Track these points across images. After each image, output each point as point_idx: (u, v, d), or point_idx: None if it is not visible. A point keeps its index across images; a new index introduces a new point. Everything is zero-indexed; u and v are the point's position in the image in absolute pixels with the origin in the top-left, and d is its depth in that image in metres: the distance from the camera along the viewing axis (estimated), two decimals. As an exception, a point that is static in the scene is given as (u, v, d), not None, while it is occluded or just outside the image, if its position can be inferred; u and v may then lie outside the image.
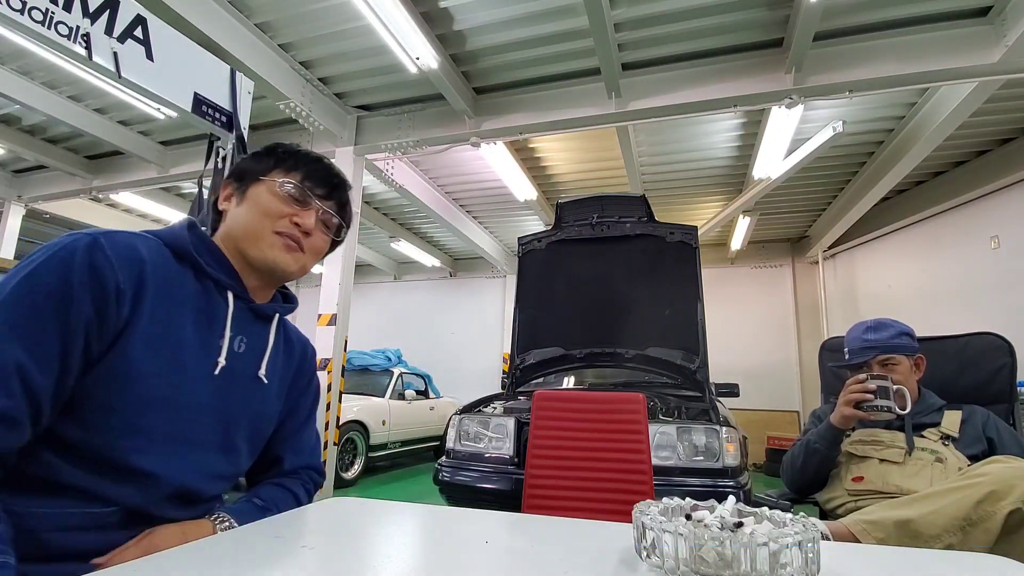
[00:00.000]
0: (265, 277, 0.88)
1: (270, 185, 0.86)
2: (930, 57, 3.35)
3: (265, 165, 0.88)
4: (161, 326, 0.73)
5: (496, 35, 3.64)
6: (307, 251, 0.89)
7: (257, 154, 0.91)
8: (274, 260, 0.85)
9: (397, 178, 5.27)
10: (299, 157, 0.90)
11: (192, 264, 0.80)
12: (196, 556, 0.58)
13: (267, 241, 0.85)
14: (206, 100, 2.93)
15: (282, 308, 0.93)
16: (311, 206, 0.88)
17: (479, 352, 8.92)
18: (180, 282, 0.78)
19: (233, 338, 0.83)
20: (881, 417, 1.46)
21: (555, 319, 3.24)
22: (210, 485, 0.81)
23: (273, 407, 0.92)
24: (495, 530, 0.74)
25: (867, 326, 1.60)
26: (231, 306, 0.83)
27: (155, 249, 0.76)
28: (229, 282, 0.83)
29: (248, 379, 0.86)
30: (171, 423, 0.74)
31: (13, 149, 5.39)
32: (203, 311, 0.79)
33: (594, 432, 1.69)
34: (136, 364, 0.70)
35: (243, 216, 0.86)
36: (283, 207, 0.86)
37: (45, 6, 2.26)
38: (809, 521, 0.55)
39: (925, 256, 5.75)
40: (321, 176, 0.90)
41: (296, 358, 0.98)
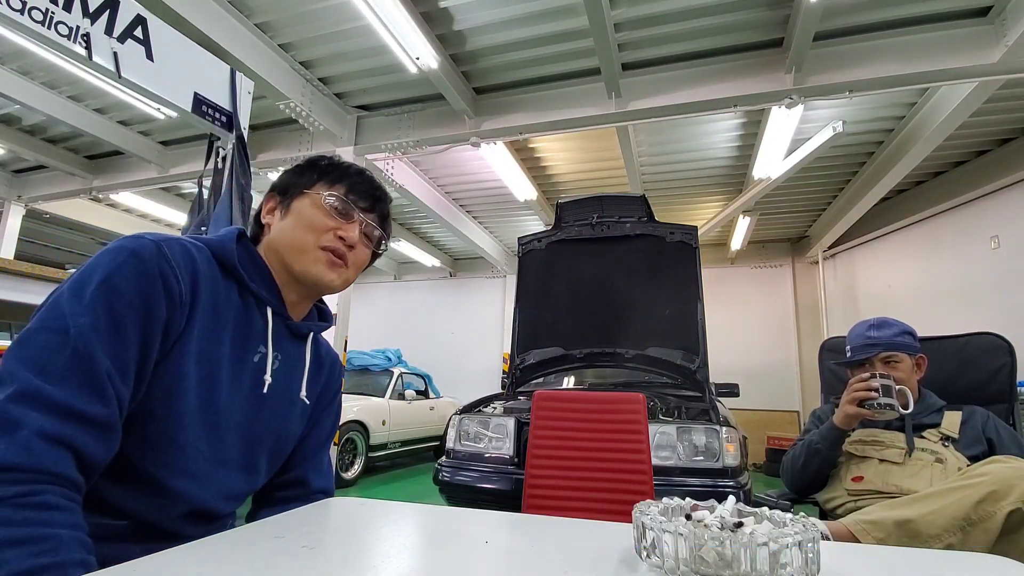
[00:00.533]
0: (307, 291, 0.88)
1: (314, 199, 0.86)
2: (930, 57, 3.35)
3: (308, 178, 0.88)
4: (206, 340, 0.73)
5: (496, 35, 3.64)
6: (350, 265, 0.89)
7: (299, 167, 0.91)
8: (318, 275, 0.84)
9: (397, 178, 5.27)
10: (342, 170, 0.90)
11: (236, 278, 0.80)
12: (196, 556, 0.58)
13: (312, 256, 0.84)
14: (206, 100, 2.93)
15: (317, 327, 0.93)
16: (355, 219, 0.88)
17: (479, 352, 8.92)
18: (226, 296, 0.78)
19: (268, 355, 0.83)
20: (884, 416, 1.46)
21: (555, 319, 3.24)
22: (227, 504, 0.81)
23: (299, 426, 0.91)
24: (495, 530, 0.74)
25: (870, 324, 1.61)
26: (270, 322, 0.83)
27: (206, 260, 0.76)
28: (269, 298, 0.83)
29: (284, 398, 0.86)
30: (203, 440, 0.74)
31: (13, 149, 5.39)
32: (241, 327, 0.79)
33: (594, 432, 1.69)
34: (182, 376, 0.70)
35: (288, 230, 0.85)
36: (327, 221, 0.85)
37: (45, 6, 2.26)
38: (809, 521, 0.55)
39: (925, 256, 5.75)
40: (364, 189, 0.90)
41: (325, 375, 0.97)
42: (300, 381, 0.88)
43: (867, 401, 1.45)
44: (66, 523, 0.58)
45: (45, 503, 0.57)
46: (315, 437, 0.96)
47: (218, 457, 0.76)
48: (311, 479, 0.94)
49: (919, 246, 5.85)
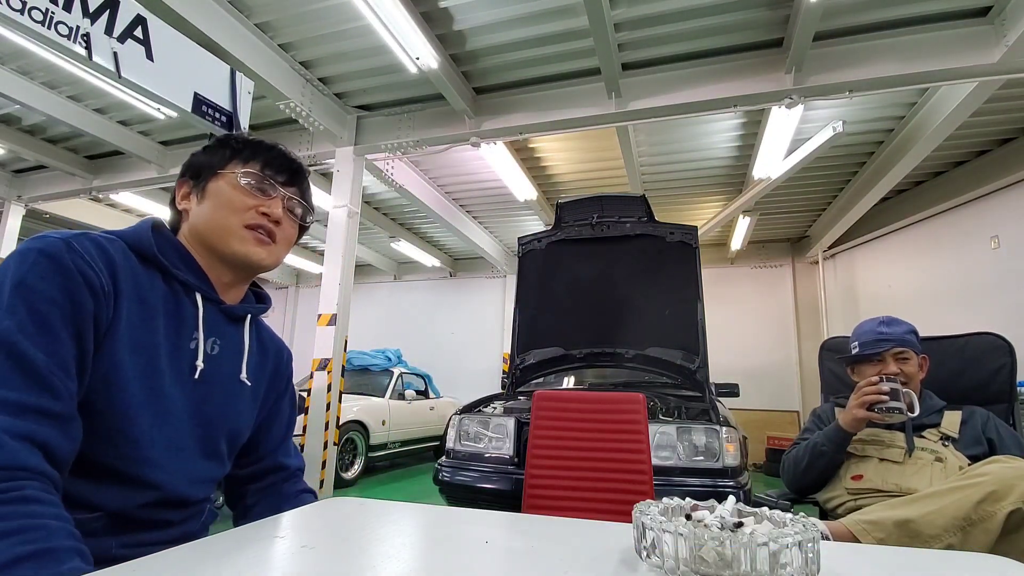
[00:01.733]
0: (238, 272, 0.87)
1: (230, 178, 0.84)
2: (930, 57, 3.35)
3: (221, 157, 0.86)
4: (137, 330, 0.72)
5: (496, 35, 3.64)
6: (279, 241, 0.87)
7: (210, 147, 0.88)
8: (247, 254, 0.83)
9: (397, 178, 5.27)
10: (255, 146, 0.88)
11: (158, 267, 0.78)
12: (196, 556, 0.58)
13: (238, 236, 0.83)
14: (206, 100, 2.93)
15: (255, 308, 0.92)
16: (276, 195, 0.86)
17: (479, 352, 8.92)
18: (149, 285, 0.76)
19: (205, 340, 0.81)
20: (893, 419, 1.46)
21: (555, 319, 3.24)
22: (196, 489, 0.81)
23: (250, 410, 0.90)
24: (495, 530, 0.74)
25: (880, 320, 1.61)
26: (201, 308, 0.81)
27: (121, 251, 0.74)
28: (197, 283, 0.82)
29: (227, 382, 0.85)
30: (155, 428, 0.73)
31: (13, 149, 5.39)
32: (172, 314, 0.78)
33: (594, 432, 1.69)
34: (120, 368, 0.69)
35: (208, 213, 0.83)
36: (247, 199, 0.84)
37: (45, 6, 2.26)
38: (809, 521, 0.55)
39: (925, 256, 5.75)
40: (281, 163, 0.88)
41: (271, 361, 0.97)
42: (241, 362, 0.87)
43: (876, 405, 1.45)
44: (51, 514, 0.58)
45: (27, 497, 0.57)
46: (278, 426, 0.98)
47: (175, 444, 0.76)
48: (286, 463, 0.98)
49: (919, 246, 5.84)
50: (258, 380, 0.92)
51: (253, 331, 0.92)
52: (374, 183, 5.76)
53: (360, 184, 4.79)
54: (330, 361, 4.28)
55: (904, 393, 1.45)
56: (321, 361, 4.30)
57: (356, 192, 4.67)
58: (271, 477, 0.97)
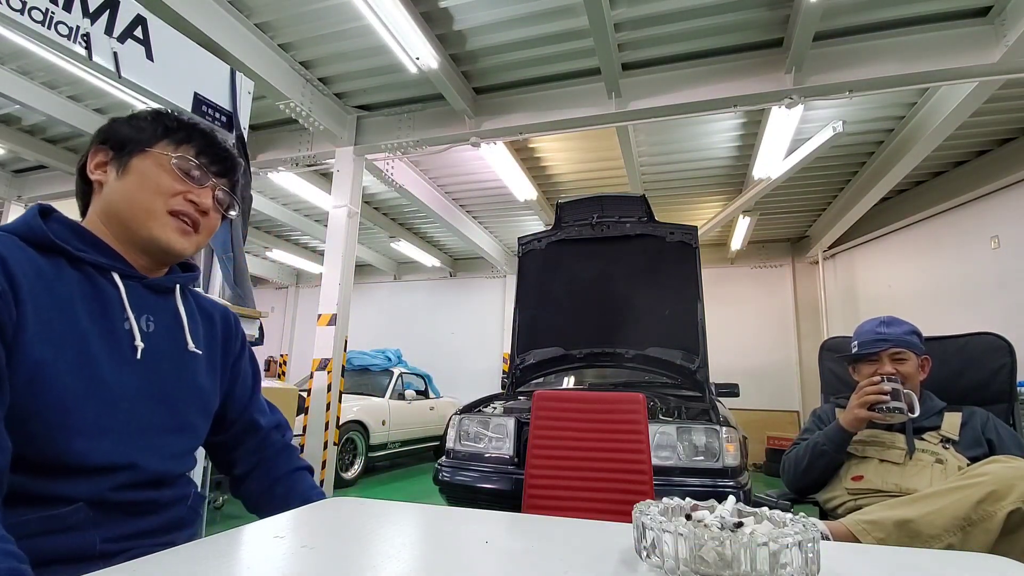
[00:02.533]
0: (153, 259, 0.82)
1: (160, 159, 0.79)
2: (930, 57, 3.35)
3: (150, 134, 0.80)
4: (53, 323, 0.68)
5: (496, 35, 3.64)
6: (201, 231, 0.83)
7: (137, 120, 0.82)
8: (168, 242, 0.79)
9: (397, 178, 5.27)
10: (190, 129, 0.83)
11: (60, 252, 0.73)
12: (196, 556, 0.58)
13: (160, 221, 0.78)
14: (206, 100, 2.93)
15: (181, 278, 0.87)
16: (207, 184, 0.82)
17: (479, 352, 8.92)
18: (55, 275, 0.71)
19: (138, 319, 0.77)
20: (893, 420, 1.46)
21: (555, 319, 3.24)
22: (173, 464, 0.79)
23: (210, 378, 0.88)
24: (495, 530, 0.74)
25: (881, 320, 1.61)
26: (121, 287, 0.76)
27: (11, 244, 0.69)
28: (110, 263, 0.76)
29: (175, 354, 0.81)
30: (106, 415, 0.70)
31: (13, 149, 5.39)
32: (92, 298, 0.73)
33: (594, 432, 1.69)
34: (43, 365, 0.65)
35: (129, 192, 0.78)
36: (176, 184, 0.79)
37: (45, 6, 2.26)
38: (809, 521, 0.55)
39: (925, 256, 5.75)
40: (216, 152, 0.84)
41: (219, 325, 0.94)
42: (183, 334, 0.83)
43: (877, 405, 1.45)
44: None
45: None
46: (242, 388, 0.96)
47: (138, 426, 0.74)
48: (259, 420, 0.96)
49: (919, 246, 5.84)
50: (211, 348, 0.90)
51: (190, 301, 0.88)
52: (374, 183, 5.76)
53: (360, 184, 4.79)
54: (330, 361, 4.28)
55: (905, 394, 1.45)
56: (321, 361, 4.30)
57: (356, 192, 4.67)
58: (251, 438, 0.95)
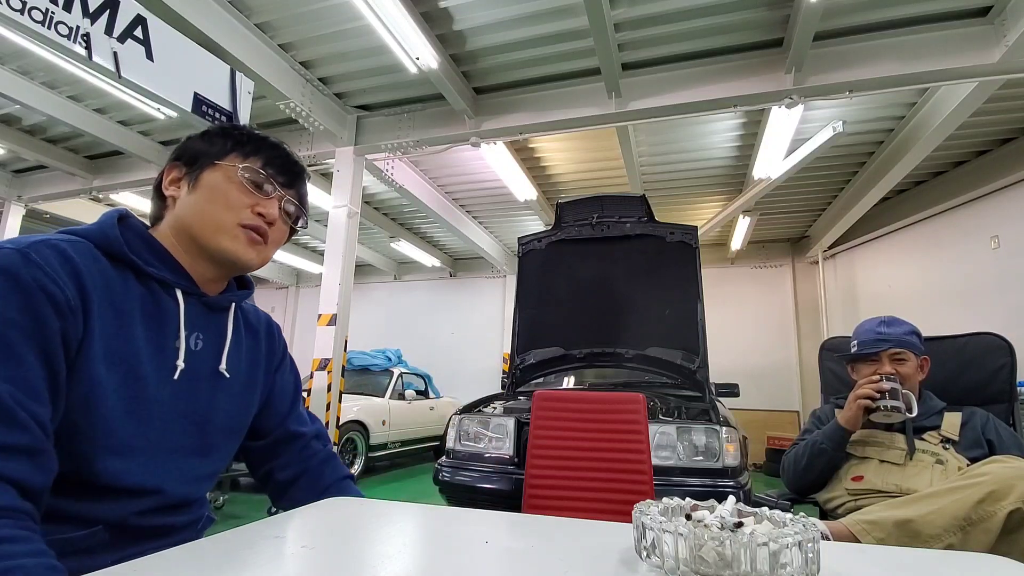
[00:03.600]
0: (223, 269, 0.83)
1: (228, 171, 0.80)
2: (930, 57, 3.35)
3: (220, 148, 0.81)
4: (113, 339, 0.68)
5: (496, 35, 3.64)
6: (270, 243, 0.84)
7: (209, 135, 0.83)
8: (236, 254, 0.79)
9: (397, 178, 5.27)
10: (258, 142, 0.84)
11: (130, 265, 0.73)
12: (196, 556, 0.58)
13: (230, 234, 0.79)
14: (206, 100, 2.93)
15: (238, 296, 0.88)
16: (274, 195, 0.83)
17: (479, 352, 8.92)
18: (122, 287, 0.71)
19: (188, 336, 0.77)
20: (892, 419, 1.46)
21: (555, 319, 3.24)
22: (194, 488, 0.79)
23: (243, 399, 0.87)
24: (495, 530, 0.74)
25: (881, 320, 1.61)
26: (182, 305, 0.77)
27: (87, 254, 0.69)
28: (175, 280, 0.77)
29: (208, 375, 0.81)
30: (140, 436, 0.70)
31: (13, 149, 5.39)
32: (151, 315, 0.74)
33: (594, 432, 1.69)
34: (97, 382, 0.66)
35: (199, 205, 0.79)
36: (244, 197, 0.80)
37: (45, 6, 2.26)
38: (809, 521, 0.55)
39: (925, 256, 5.75)
40: (283, 163, 0.84)
41: (263, 339, 0.94)
42: (221, 355, 0.83)
43: (875, 402, 1.45)
44: (27, 552, 0.54)
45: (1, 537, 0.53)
46: (280, 398, 0.96)
47: (166, 446, 0.73)
48: (298, 430, 0.96)
49: (919, 246, 5.84)
50: (254, 362, 0.90)
51: (238, 317, 0.89)
52: (374, 183, 5.76)
53: (360, 184, 4.79)
54: (330, 361, 4.28)
55: (903, 394, 1.45)
56: (321, 361, 4.30)
57: (356, 192, 4.67)
58: (289, 448, 0.95)
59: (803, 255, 7.71)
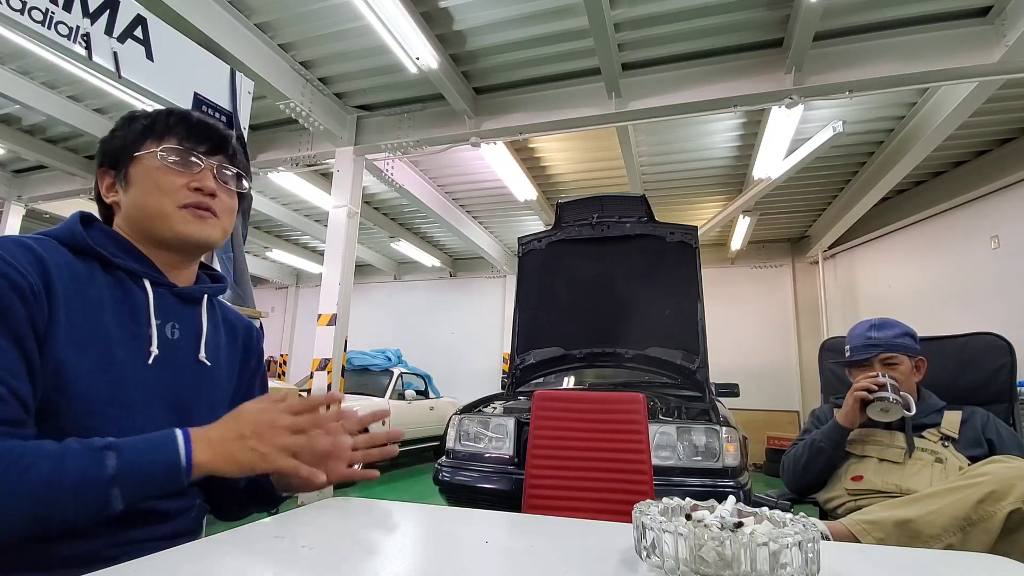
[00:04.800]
0: (185, 254, 0.84)
1: (150, 159, 0.79)
2: (930, 57, 3.35)
3: (133, 139, 0.81)
4: (82, 326, 0.70)
5: (496, 35, 3.64)
6: (220, 213, 0.84)
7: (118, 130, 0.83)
8: (190, 234, 0.80)
9: (397, 178, 5.27)
10: (165, 118, 0.82)
11: (96, 257, 0.75)
12: (196, 556, 0.58)
13: (176, 218, 0.79)
14: (206, 100, 2.93)
15: (209, 289, 0.88)
16: (203, 166, 0.82)
17: (479, 352, 8.92)
18: (88, 279, 0.73)
19: (163, 325, 0.78)
20: (889, 416, 1.45)
21: (555, 319, 3.24)
22: None
23: (224, 390, 0.88)
24: (495, 530, 0.74)
25: (871, 324, 1.60)
26: (151, 294, 0.78)
27: (51, 247, 0.71)
28: (141, 269, 0.78)
29: (190, 364, 0.82)
30: (123, 420, 0.71)
31: (13, 149, 5.39)
32: (121, 302, 0.75)
33: (594, 432, 1.69)
34: (70, 365, 0.67)
35: (138, 201, 0.79)
36: (175, 178, 0.79)
37: (45, 6, 2.26)
38: (809, 521, 0.55)
39: (925, 256, 5.75)
40: (199, 132, 0.83)
41: (241, 339, 0.94)
42: (199, 345, 0.84)
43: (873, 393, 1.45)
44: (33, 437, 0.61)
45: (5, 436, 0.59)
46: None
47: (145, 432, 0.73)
48: None
49: (919, 246, 5.84)
50: (230, 359, 0.91)
51: (214, 312, 0.89)
52: (374, 183, 5.76)
53: (360, 184, 4.79)
54: (330, 361, 4.28)
55: (901, 395, 1.45)
56: (321, 361, 4.30)
57: (356, 192, 4.67)
58: None
59: (803, 255, 7.72)
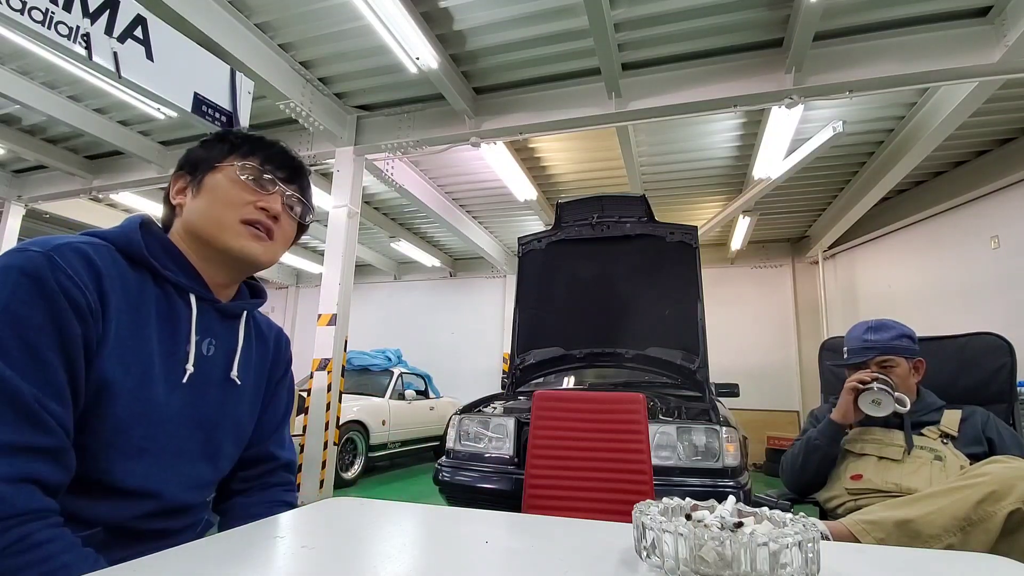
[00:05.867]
0: (233, 270, 0.84)
1: (228, 172, 0.82)
2: (930, 57, 3.35)
3: (219, 152, 0.83)
4: (128, 340, 0.70)
5: (496, 35, 3.64)
6: (277, 239, 0.85)
7: (208, 142, 0.86)
8: (242, 250, 0.81)
9: (397, 178, 5.27)
10: (255, 142, 0.85)
11: (148, 268, 0.75)
12: (196, 556, 0.58)
13: (234, 231, 0.80)
14: (206, 100, 2.93)
15: (250, 304, 0.89)
16: (275, 190, 0.84)
17: (479, 352, 8.92)
18: (139, 289, 0.73)
19: (200, 342, 0.79)
20: (884, 412, 1.45)
21: (555, 319, 3.24)
22: (195, 494, 0.80)
23: (251, 407, 0.89)
24: (495, 530, 0.74)
25: (868, 326, 1.60)
26: (194, 309, 0.79)
27: (108, 256, 0.71)
28: (190, 284, 0.79)
29: (220, 381, 0.82)
30: (149, 437, 0.71)
31: (13, 149, 5.39)
32: (166, 317, 0.76)
33: (594, 432, 1.69)
34: (111, 382, 0.67)
35: (203, 208, 0.80)
36: (245, 194, 0.81)
37: (45, 6, 2.26)
38: (809, 521, 0.55)
39: (925, 256, 5.75)
40: (281, 159, 0.86)
41: (271, 349, 0.95)
42: (232, 361, 0.84)
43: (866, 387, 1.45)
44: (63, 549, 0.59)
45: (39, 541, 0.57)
46: (272, 413, 0.95)
47: (172, 450, 0.74)
48: (276, 453, 0.94)
49: (919, 246, 5.84)
50: (259, 372, 0.91)
51: (250, 325, 0.90)
52: (374, 183, 5.76)
53: (360, 184, 4.79)
54: (330, 361, 4.28)
55: (897, 396, 1.45)
56: (321, 361, 4.30)
57: (356, 192, 4.67)
58: (260, 467, 0.93)
59: (803, 255, 7.71)
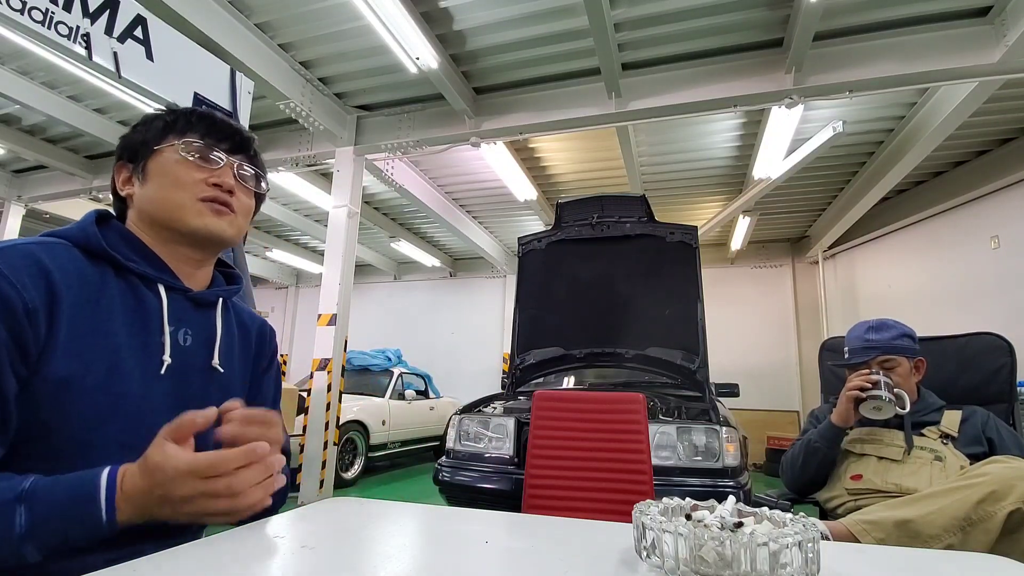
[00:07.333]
0: (200, 250, 0.82)
1: (170, 153, 0.78)
2: (930, 57, 3.35)
3: (155, 133, 0.80)
4: (88, 338, 0.67)
5: (496, 35, 3.64)
6: (238, 211, 0.82)
7: (139, 125, 0.82)
8: (206, 227, 0.78)
9: (397, 178, 5.27)
10: (188, 116, 0.82)
11: (109, 261, 0.73)
12: (196, 556, 0.58)
13: (194, 210, 0.77)
14: (206, 100, 2.93)
15: (224, 292, 0.87)
16: (223, 164, 0.81)
17: (479, 352, 8.92)
18: (100, 283, 0.71)
19: (175, 332, 0.76)
20: (881, 415, 1.46)
21: (555, 319, 3.24)
22: None
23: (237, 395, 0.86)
24: (495, 530, 0.74)
25: (869, 326, 1.60)
26: (164, 299, 0.76)
27: (61, 253, 0.69)
28: (156, 274, 0.76)
29: (201, 371, 0.80)
30: (128, 432, 0.69)
31: (13, 149, 5.39)
32: (133, 309, 0.73)
33: (594, 432, 1.69)
34: (70, 380, 0.65)
35: (156, 193, 0.77)
36: (194, 172, 0.78)
37: (45, 6, 2.26)
38: (809, 521, 0.55)
39: (925, 256, 5.75)
40: (221, 131, 0.82)
41: (254, 339, 0.93)
42: (212, 350, 0.82)
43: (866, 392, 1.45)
44: None
45: None
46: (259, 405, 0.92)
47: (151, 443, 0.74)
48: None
49: (919, 246, 5.85)
50: (244, 361, 0.89)
51: (229, 315, 0.87)
52: (374, 183, 5.76)
53: (360, 184, 4.79)
54: (330, 361, 4.28)
55: (896, 394, 1.45)
56: (321, 361, 4.30)
57: (356, 192, 4.67)
58: None
59: (803, 255, 7.72)
